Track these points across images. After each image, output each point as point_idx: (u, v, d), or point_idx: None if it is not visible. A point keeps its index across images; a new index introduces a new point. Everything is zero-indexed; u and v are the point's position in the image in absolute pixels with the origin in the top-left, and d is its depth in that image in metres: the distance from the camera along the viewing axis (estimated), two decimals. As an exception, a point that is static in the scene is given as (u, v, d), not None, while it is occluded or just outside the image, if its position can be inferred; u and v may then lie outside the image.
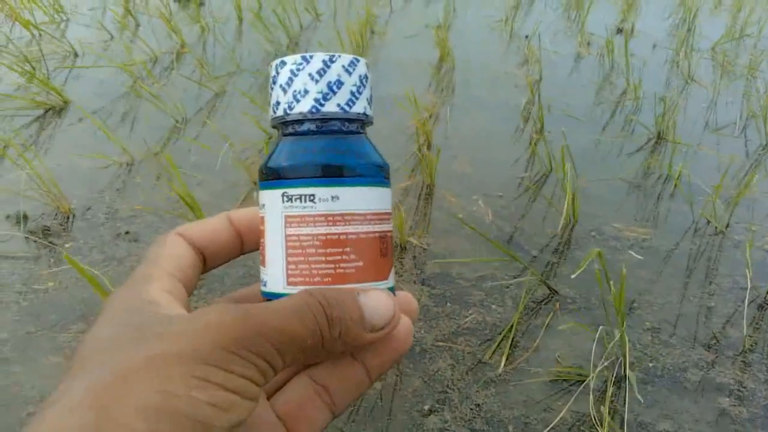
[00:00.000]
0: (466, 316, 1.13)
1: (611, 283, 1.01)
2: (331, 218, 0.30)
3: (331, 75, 0.31)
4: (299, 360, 0.28)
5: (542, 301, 1.18)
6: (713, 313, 1.16)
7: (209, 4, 3.04)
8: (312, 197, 0.30)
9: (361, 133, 0.33)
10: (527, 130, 1.85)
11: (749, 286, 1.18)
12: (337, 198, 0.30)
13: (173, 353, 0.24)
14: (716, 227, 1.39)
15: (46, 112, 1.86)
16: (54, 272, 1.20)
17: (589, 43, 2.67)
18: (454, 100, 2.04)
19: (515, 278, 1.22)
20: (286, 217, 0.31)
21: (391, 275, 0.33)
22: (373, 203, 0.31)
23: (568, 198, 1.36)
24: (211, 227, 0.35)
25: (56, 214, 1.36)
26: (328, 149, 0.31)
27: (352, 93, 0.32)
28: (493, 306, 1.16)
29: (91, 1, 3.11)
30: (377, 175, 0.32)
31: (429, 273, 1.24)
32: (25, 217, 1.34)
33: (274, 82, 0.32)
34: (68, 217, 1.36)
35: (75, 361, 0.27)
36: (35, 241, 1.28)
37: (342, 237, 0.30)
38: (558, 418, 0.93)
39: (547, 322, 1.11)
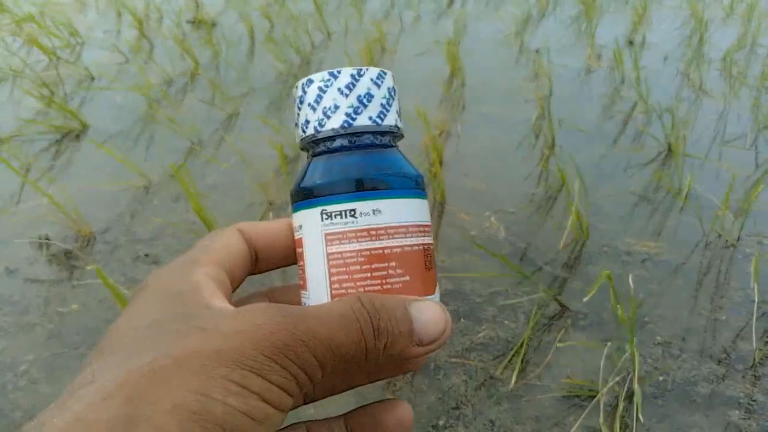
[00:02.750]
0: (479, 332, 1.15)
1: (618, 303, 1.02)
2: (374, 232, 0.29)
3: (361, 88, 0.30)
4: (338, 371, 0.26)
5: (554, 316, 1.19)
6: (724, 327, 1.17)
7: (221, 26, 3.09)
8: (353, 212, 0.29)
9: (394, 146, 0.33)
10: (538, 145, 1.87)
11: (756, 300, 1.19)
12: (379, 211, 0.29)
13: (214, 352, 0.23)
14: (726, 240, 1.40)
15: (65, 136, 1.91)
16: (77, 294, 1.24)
17: (599, 56, 2.68)
18: (464, 117, 2.07)
19: (528, 295, 1.24)
20: (326, 234, 0.30)
21: (437, 290, 0.32)
22: (414, 215, 0.31)
23: (573, 214, 1.38)
24: (273, 230, 0.34)
25: (77, 238, 1.40)
26: (365, 163, 0.30)
27: (383, 105, 0.31)
28: (506, 322, 1.18)
29: (105, 23, 3.17)
30: (415, 187, 0.31)
31: (442, 289, 1.26)
32: (48, 240, 1.38)
33: (302, 102, 0.32)
34: (89, 241, 1.40)
35: (107, 341, 0.26)
36: (57, 265, 1.32)
37: (387, 251, 0.29)
38: (570, 433, 0.95)
39: (558, 338, 1.13)
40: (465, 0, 3.60)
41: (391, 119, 0.31)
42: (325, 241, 0.30)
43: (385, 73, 0.31)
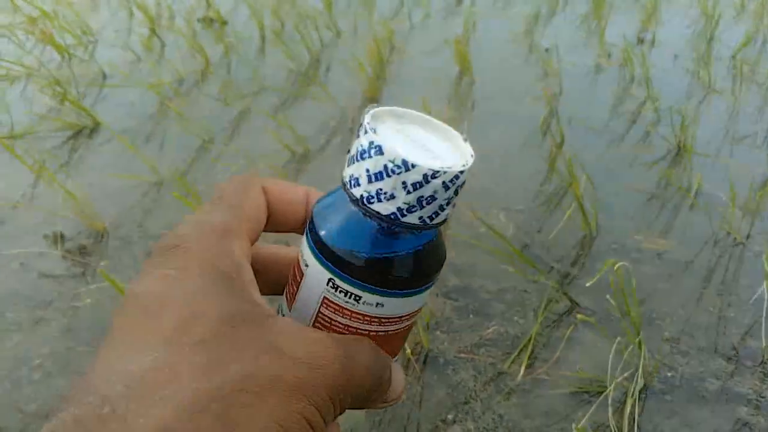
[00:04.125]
0: (488, 328, 1.16)
1: (626, 297, 1.03)
2: (368, 318, 0.29)
3: (427, 190, 0.27)
4: (342, 407, 0.27)
5: (563, 313, 1.20)
6: (733, 324, 1.17)
7: (232, 24, 3.10)
8: (358, 298, 0.29)
9: (431, 238, 0.30)
10: (547, 143, 1.87)
11: (766, 297, 1.19)
12: (381, 305, 0.29)
13: (294, 384, 0.24)
14: (735, 238, 1.41)
15: (78, 132, 1.92)
16: (91, 289, 1.25)
17: (609, 54, 2.68)
18: (474, 115, 2.07)
19: (537, 291, 1.25)
20: (326, 299, 0.29)
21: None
22: (413, 306, 0.31)
23: (572, 208, 1.38)
24: (291, 197, 0.32)
25: (91, 233, 1.42)
26: (390, 258, 0.29)
27: (441, 207, 0.28)
28: (515, 318, 1.19)
29: (117, 22, 3.19)
30: (426, 285, 0.30)
31: (452, 286, 1.27)
32: (62, 236, 1.40)
33: (363, 153, 0.28)
34: (102, 236, 1.41)
35: (129, 320, 0.25)
36: (71, 260, 1.34)
37: (373, 334, 0.30)
38: (578, 427, 0.95)
39: (567, 334, 1.14)
40: (475, -2, 3.60)
41: (442, 217, 0.29)
42: (321, 302, 0.30)
43: (461, 174, 0.28)
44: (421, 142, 0.30)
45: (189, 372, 0.22)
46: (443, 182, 0.27)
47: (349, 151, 0.29)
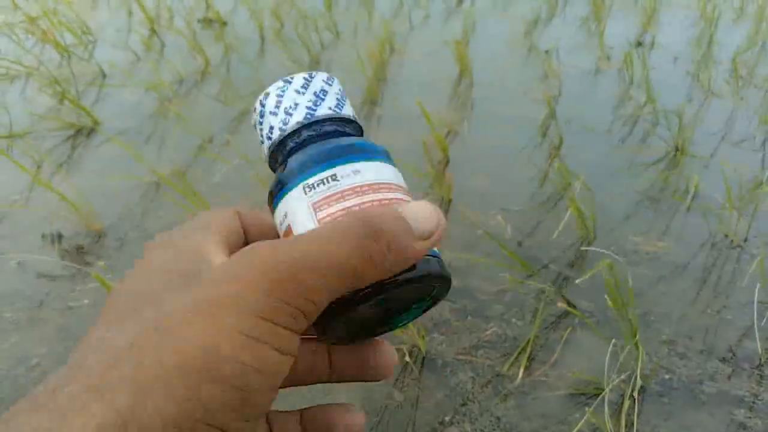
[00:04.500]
0: (487, 330, 1.16)
1: (622, 298, 1.03)
2: (359, 189, 0.29)
3: (315, 86, 0.32)
4: (348, 288, 0.24)
5: (561, 315, 1.20)
6: (729, 327, 1.17)
7: (232, 25, 3.11)
8: (334, 176, 0.29)
9: (357, 136, 0.33)
10: (546, 144, 1.87)
11: (756, 300, 1.20)
12: (359, 171, 0.29)
13: (218, 300, 0.22)
14: (732, 241, 1.41)
15: (77, 132, 1.92)
16: (89, 289, 1.25)
17: (608, 57, 2.68)
18: (473, 116, 2.08)
19: (534, 293, 1.25)
20: (313, 204, 0.29)
21: None
22: (394, 177, 0.31)
23: (571, 211, 1.38)
24: (267, 221, 0.32)
25: (89, 233, 1.42)
26: (334, 139, 0.31)
27: (338, 99, 0.32)
28: (513, 320, 1.19)
29: (116, 22, 3.19)
30: (387, 158, 0.31)
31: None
32: (60, 236, 1.40)
33: (262, 116, 0.32)
34: (100, 236, 1.41)
35: (111, 304, 0.25)
36: (70, 260, 1.34)
37: (375, 203, 0.29)
38: (574, 431, 0.95)
39: (565, 336, 1.14)
40: (474, 0, 3.60)
41: (348, 110, 0.33)
42: (313, 211, 0.29)
43: (333, 78, 0.33)
44: None
45: (118, 331, 0.23)
46: (322, 80, 0.32)
47: (261, 143, 0.33)
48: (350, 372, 0.31)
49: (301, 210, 0.29)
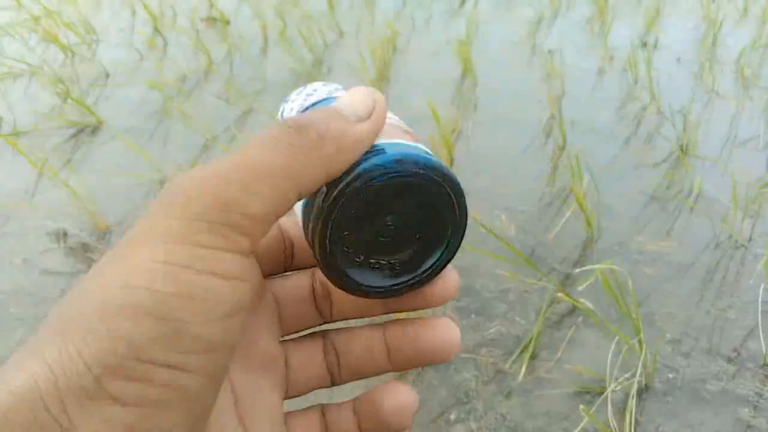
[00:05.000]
0: (490, 328, 1.16)
1: (625, 297, 1.03)
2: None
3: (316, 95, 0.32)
4: (285, 199, 0.23)
5: (565, 314, 1.20)
6: (734, 326, 1.17)
7: (235, 24, 3.11)
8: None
9: None
10: (549, 144, 1.87)
11: (760, 300, 1.20)
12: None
13: (133, 239, 0.21)
14: (737, 240, 1.41)
15: (80, 131, 1.93)
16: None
17: (612, 58, 2.68)
18: (476, 116, 2.08)
19: (538, 292, 1.25)
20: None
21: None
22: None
23: (575, 210, 1.39)
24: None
25: (94, 231, 1.42)
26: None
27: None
28: (517, 318, 1.19)
29: (120, 21, 3.19)
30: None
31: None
32: (65, 233, 1.40)
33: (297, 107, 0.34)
34: (105, 234, 1.41)
35: None
36: (75, 257, 1.34)
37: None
38: (579, 428, 0.96)
39: (569, 335, 1.14)
40: (477, 0, 3.60)
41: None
42: None
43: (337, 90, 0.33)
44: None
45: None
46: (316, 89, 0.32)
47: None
48: (410, 355, 0.30)
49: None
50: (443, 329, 0.30)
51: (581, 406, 0.98)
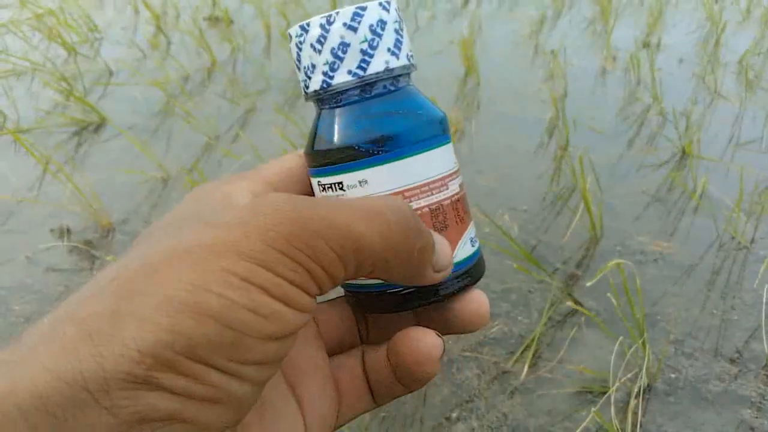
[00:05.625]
0: (492, 327, 1.16)
1: (631, 297, 1.03)
2: None
3: (333, 39, 0.26)
4: (365, 272, 0.24)
5: (567, 313, 1.20)
6: (736, 327, 1.17)
7: (238, 23, 3.11)
8: (340, 185, 0.27)
9: (393, 89, 0.29)
10: (552, 145, 1.88)
11: (764, 301, 1.20)
12: (365, 182, 0.27)
13: (214, 244, 0.21)
14: (740, 242, 1.41)
15: (83, 129, 1.93)
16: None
17: (614, 58, 2.68)
18: (479, 116, 2.08)
19: (541, 292, 1.25)
20: None
21: (460, 245, 0.29)
22: (409, 177, 0.27)
23: (579, 210, 1.39)
24: None
25: (97, 228, 1.42)
26: (349, 126, 0.28)
27: (364, 51, 0.27)
28: (519, 317, 1.19)
29: (123, 19, 3.20)
30: (413, 140, 0.28)
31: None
32: (69, 230, 1.40)
33: (293, 55, 0.29)
34: (108, 231, 1.42)
35: (126, 252, 0.25)
36: (78, 254, 1.34)
37: None
38: (581, 428, 0.96)
39: (572, 334, 1.14)
40: (480, 0, 3.61)
41: (378, 63, 0.27)
42: None
43: (364, 9, 0.27)
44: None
45: (100, 276, 0.22)
46: (344, 23, 0.26)
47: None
48: (439, 324, 0.30)
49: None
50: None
51: (593, 409, 0.98)
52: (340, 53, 0.26)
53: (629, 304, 1.06)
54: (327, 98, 0.28)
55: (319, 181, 0.28)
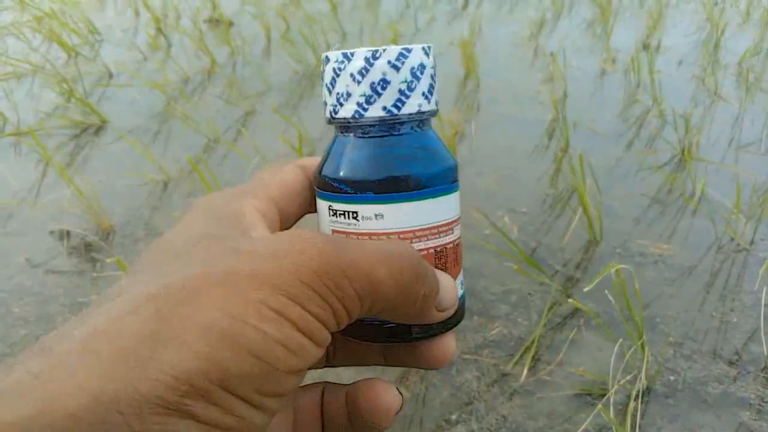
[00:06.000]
0: (492, 329, 1.16)
1: (630, 300, 1.03)
2: (375, 237, 0.28)
3: (375, 74, 0.27)
4: (374, 311, 0.25)
5: (567, 315, 1.21)
6: (735, 329, 1.17)
7: (238, 25, 3.12)
8: (355, 215, 0.28)
9: (417, 131, 0.29)
10: (552, 146, 1.88)
11: (763, 303, 1.20)
12: (381, 216, 0.28)
13: (250, 274, 0.22)
14: (739, 244, 1.41)
15: (84, 130, 1.93)
16: (97, 286, 1.26)
17: (614, 60, 2.69)
18: (479, 117, 2.08)
19: (540, 294, 1.25)
20: (333, 231, 0.29)
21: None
22: (423, 217, 0.28)
23: (578, 212, 1.39)
24: None
25: (97, 230, 1.42)
26: (373, 160, 0.28)
27: (401, 92, 0.27)
28: (519, 319, 1.19)
29: (123, 21, 3.20)
30: (431, 184, 0.29)
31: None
32: (68, 233, 1.40)
33: (322, 79, 0.29)
34: (109, 234, 1.42)
35: (141, 261, 0.25)
36: (78, 257, 1.34)
37: None
38: (580, 430, 0.96)
39: (571, 337, 1.14)
40: (480, 2, 3.61)
41: (412, 105, 0.28)
42: (332, 235, 0.29)
43: (409, 51, 0.27)
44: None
45: (136, 285, 0.22)
46: (388, 61, 0.27)
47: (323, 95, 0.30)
48: (405, 360, 0.32)
49: (325, 225, 0.30)
50: (392, 396, 0.31)
51: (601, 406, 0.98)
52: (379, 89, 0.27)
53: (628, 306, 1.06)
54: (354, 127, 0.29)
55: (330, 206, 0.29)
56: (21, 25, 2.92)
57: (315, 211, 0.32)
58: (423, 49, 0.28)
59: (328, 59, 0.29)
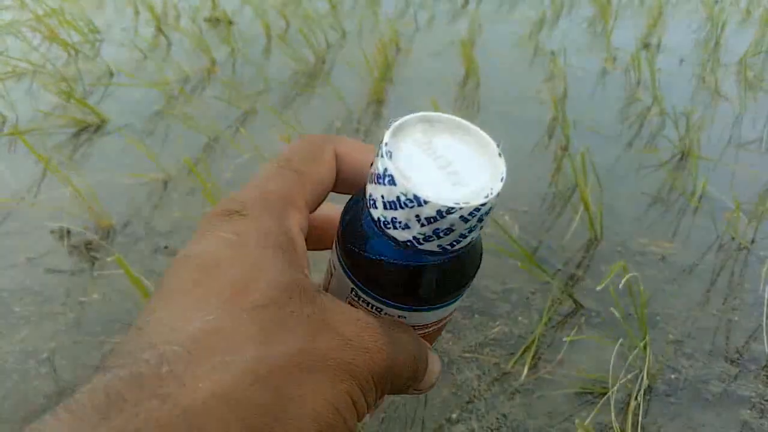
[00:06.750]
0: (493, 328, 1.16)
1: (634, 298, 1.03)
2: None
3: (443, 224, 0.25)
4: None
5: (568, 314, 1.20)
6: (736, 328, 1.17)
7: (238, 24, 3.11)
8: (379, 309, 0.29)
9: (461, 255, 0.28)
10: (552, 145, 1.88)
11: (765, 301, 1.20)
12: (404, 318, 0.29)
13: (347, 364, 0.24)
14: (740, 243, 1.41)
15: (83, 130, 1.93)
16: (98, 284, 1.26)
17: (614, 58, 2.68)
18: (479, 116, 2.08)
19: (541, 292, 1.25)
20: (351, 302, 0.30)
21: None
22: (437, 317, 0.30)
23: (579, 211, 1.39)
24: (361, 159, 0.31)
25: (98, 229, 1.42)
26: (410, 279, 0.28)
27: (462, 235, 0.26)
28: (520, 318, 1.19)
29: (123, 20, 3.20)
30: (453, 299, 0.30)
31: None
32: (69, 232, 1.40)
33: (378, 171, 0.26)
34: (109, 233, 1.42)
35: (207, 284, 0.24)
36: (78, 255, 1.34)
37: None
38: (580, 430, 0.96)
39: (572, 335, 1.14)
40: (480, 1, 3.61)
41: (466, 241, 0.27)
42: (347, 302, 0.30)
43: (483, 206, 0.26)
44: (447, 161, 0.27)
45: (246, 339, 0.22)
46: (460, 216, 0.25)
47: (371, 164, 0.27)
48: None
49: (342, 291, 0.30)
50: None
51: (599, 404, 0.98)
52: (441, 234, 0.26)
53: (634, 305, 1.06)
54: (402, 248, 0.27)
55: (357, 294, 0.29)
56: (20, 24, 2.92)
57: (338, 192, 0.32)
58: (498, 194, 0.27)
59: (396, 193, 0.25)
